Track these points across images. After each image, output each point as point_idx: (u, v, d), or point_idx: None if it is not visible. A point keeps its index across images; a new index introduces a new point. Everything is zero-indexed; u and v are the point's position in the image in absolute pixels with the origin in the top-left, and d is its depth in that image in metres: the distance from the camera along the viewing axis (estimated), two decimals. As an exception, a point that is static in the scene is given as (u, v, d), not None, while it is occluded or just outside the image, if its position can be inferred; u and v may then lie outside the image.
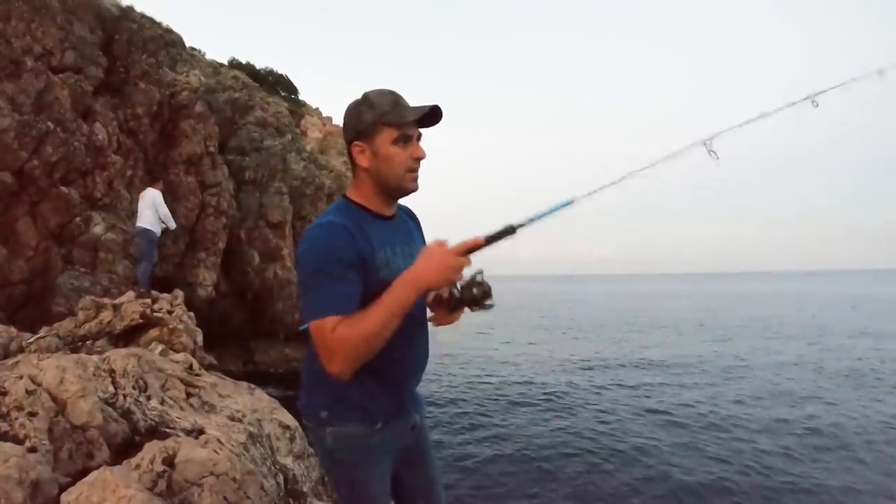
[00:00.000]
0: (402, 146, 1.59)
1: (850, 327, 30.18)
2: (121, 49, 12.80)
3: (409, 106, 1.60)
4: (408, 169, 1.61)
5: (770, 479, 8.89)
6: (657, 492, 8.55)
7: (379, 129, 1.58)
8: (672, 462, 9.68)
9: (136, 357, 3.75)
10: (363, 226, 1.60)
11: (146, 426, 3.13)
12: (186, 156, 13.78)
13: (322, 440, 1.71)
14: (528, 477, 9.20)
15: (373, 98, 1.61)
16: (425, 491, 1.93)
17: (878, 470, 9.29)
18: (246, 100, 18.71)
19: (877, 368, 18.43)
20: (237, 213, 15.56)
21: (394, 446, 1.75)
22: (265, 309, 16.19)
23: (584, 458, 9.92)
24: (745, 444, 10.54)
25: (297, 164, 18.93)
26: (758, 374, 17.66)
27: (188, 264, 13.71)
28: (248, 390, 4.57)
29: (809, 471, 9.29)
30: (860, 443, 10.65)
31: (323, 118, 32.71)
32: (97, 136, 11.36)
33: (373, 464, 1.70)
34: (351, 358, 1.44)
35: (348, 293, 1.49)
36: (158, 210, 9.07)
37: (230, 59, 27.84)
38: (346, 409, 1.67)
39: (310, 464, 3.70)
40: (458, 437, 11.35)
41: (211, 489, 2.32)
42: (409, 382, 1.79)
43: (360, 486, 1.71)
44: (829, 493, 8.41)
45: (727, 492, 8.46)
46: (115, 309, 6.01)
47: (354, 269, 1.52)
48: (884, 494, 8.37)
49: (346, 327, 1.44)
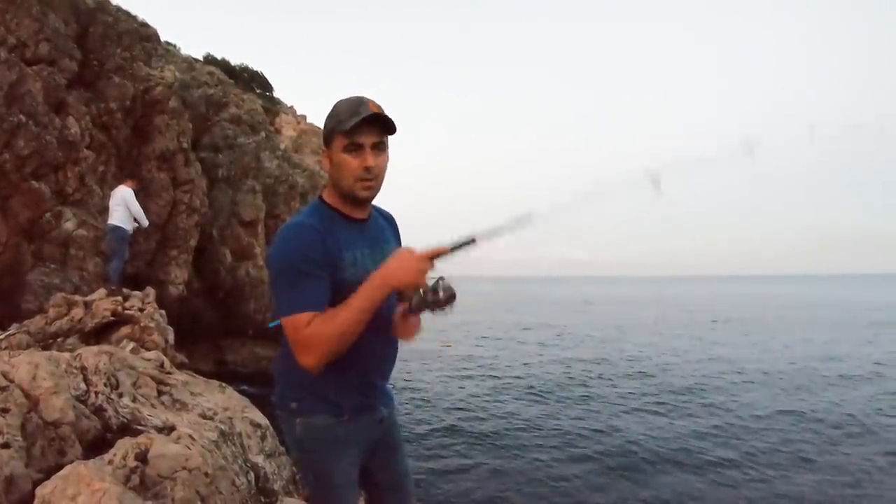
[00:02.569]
0: (353, 154, 1.63)
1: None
2: (95, 42, 12.61)
3: (362, 112, 1.61)
4: (357, 178, 1.65)
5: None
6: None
7: (334, 136, 1.64)
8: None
9: (108, 354, 3.77)
10: (333, 227, 1.68)
11: (118, 423, 3.17)
12: (159, 152, 13.59)
13: (292, 429, 1.79)
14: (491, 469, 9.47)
15: (336, 106, 1.66)
16: (395, 483, 2.01)
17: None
18: (220, 96, 18.50)
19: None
20: (209, 210, 15.40)
21: (361, 438, 1.83)
22: (237, 308, 16.06)
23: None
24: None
25: (271, 162, 18.79)
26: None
27: (159, 262, 13.54)
28: (220, 389, 4.60)
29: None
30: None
31: (297, 116, 32.53)
32: (70, 130, 11.19)
33: (340, 453, 1.78)
34: (324, 352, 1.53)
35: (319, 291, 1.58)
36: (130, 207, 9.01)
37: (205, 54, 27.58)
38: (314, 401, 1.75)
39: (281, 462, 3.75)
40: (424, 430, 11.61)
41: (184, 483, 2.38)
42: (376, 377, 1.87)
43: (327, 474, 1.79)
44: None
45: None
46: (86, 306, 5.99)
47: (324, 268, 1.60)
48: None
49: (320, 323, 1.52)
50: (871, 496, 8.65)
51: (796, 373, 18.60)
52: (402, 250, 1.62)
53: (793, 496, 8.61)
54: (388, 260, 1.59)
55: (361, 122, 1.58)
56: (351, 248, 1.70)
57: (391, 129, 1.66)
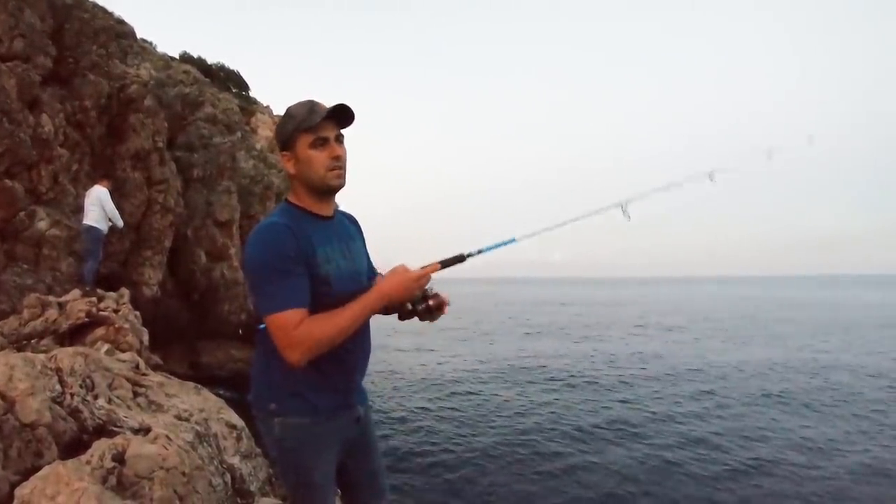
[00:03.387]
0: (319, 149, 1.74)
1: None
2: (71, 39, 12.43)
3: (321, 110, 1.73)
4: (328, 168, 1.76)
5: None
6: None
7: (297, 136, 1.75)
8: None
9: (83, 356, 3.77)
10: (303, 225, 1.76)
11: (94, 425, 3.18)
12: (134, 151, 13.42)
13: (271, 430, 1.84)
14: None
15: (291, 110, 1.77)
16: (370, 481, 2.08)
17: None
18: (196, 95, 18.32)
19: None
20: (184, 210, 15.24)
21: (339, 437, 1.90)
22: (211, 309, 15.91)
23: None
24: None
25: (247, 162, 18.71)
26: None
27: (133, 262, 13.38)
28: (195, 390, 4.61)
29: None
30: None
31: (273, 116, 32.32)
32: (44, 128, 11.02)
33: (318, 452, 1.85)
34: (314, 350, 1.61)
35: (300, 287, 1.66)
36: (105, 207, 8.95)
37: (181, 52, 27.33)
38: (292, 401, 1.81)
39: (257, 463, 3.78)
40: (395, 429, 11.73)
41: (161, 482, 2.41)
42: (353, 377, 1.94)
43: (305, 472, 1.85)
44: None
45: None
46: (60, 307, 5.95)
47: (300, 264, 1.68)
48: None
49: (315, 323, 1.61)
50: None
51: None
52: (397, 267, 1.76)
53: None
54: (387, 275, 1.73)
55: (325, 117, 1.71)
56: (322, 244, 1.77)
57: (350, 121, 1.78)
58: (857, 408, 14.14)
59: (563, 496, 8.67)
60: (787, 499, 8.62)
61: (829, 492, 8.83)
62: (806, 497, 8.66)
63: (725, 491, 8.86)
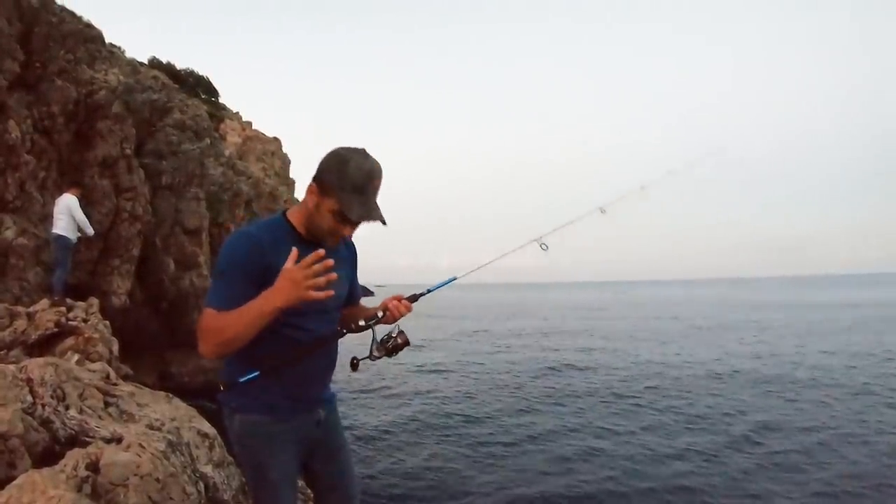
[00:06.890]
0: (338, 221, 1.81)
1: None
2: (39, 43, 12.29)
3: (366, 202, 1.76)
4: (332, 234, 1.85)
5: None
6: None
7: (332, 194, 1.77)
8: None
9: (53, 366, 3.77)
10: (284, 241, 1.82)
11: (66, 435, 3.19)
12: (102, 158, 13.25)
13: (232, 425, 1.97)
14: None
15: (349, 167, 1.74)
16: (335, 483, 2.17)
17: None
18: (165, 101, 18.13)
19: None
20: (153, 218, 15.08)
21: (298, 436, 2.01)
22: (181, 319, 15.71)
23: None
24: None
25: (215, 169, 18.56)
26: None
27: (101, 272, 13.19)
28: (166, 399, 4.62)
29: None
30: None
31: (243, 123, 32.17)
32: (10, 134, 10.87)
33: (275, 449, 1.96)
34: (210, 343, 1.70)
35: (231, 295, 1.73)
36: (75, 216, 8.85)
37: (150, 57, 27.12)
38: (251, 401, 1.93)
39: (230, 472, 3.80)
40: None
41: (136, 489, 2.46)
42: (309, 385, 2.04)
43: (262, 468, 1.97)
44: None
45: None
46: (29, 317, 5.89)
47: (250, 278, 1.76)
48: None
49: (210, 317, 1.71)
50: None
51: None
52: (286, 269, 1.70)
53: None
54: (276, 280, 1.70)
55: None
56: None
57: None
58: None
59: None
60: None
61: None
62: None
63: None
